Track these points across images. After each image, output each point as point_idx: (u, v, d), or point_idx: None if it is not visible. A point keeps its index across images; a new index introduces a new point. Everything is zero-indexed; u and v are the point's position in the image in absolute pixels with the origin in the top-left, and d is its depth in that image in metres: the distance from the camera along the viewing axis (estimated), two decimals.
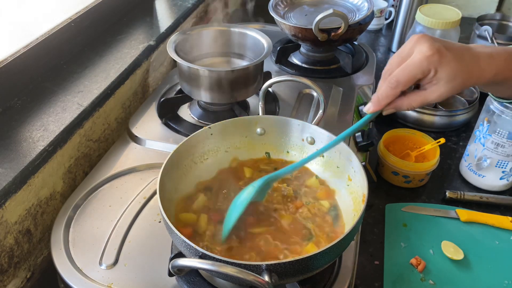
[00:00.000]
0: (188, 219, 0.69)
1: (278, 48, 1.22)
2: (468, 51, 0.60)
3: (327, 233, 0.68)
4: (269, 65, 1.21)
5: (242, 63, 1.07)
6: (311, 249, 0.65)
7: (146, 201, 0.81)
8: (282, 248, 0.65)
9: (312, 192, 0.75)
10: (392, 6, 1.75)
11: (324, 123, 0.88)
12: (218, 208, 0.71)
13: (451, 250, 0.89)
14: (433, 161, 1.03)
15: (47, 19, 0.98)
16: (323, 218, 0.70)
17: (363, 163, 0.95)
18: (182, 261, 0.56)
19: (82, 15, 1.04)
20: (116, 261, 0.70)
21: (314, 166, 0.79)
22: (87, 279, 0.67)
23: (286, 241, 0.66)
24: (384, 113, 0.64)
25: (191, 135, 0.74)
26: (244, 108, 1.03)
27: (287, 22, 1.14)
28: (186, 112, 1.03)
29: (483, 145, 1.00)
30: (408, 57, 0.59)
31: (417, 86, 0.63)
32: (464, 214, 0.97)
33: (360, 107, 1.09)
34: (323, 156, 0.77)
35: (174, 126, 0.98)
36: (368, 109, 0.63)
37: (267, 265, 0.53)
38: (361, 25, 1.14)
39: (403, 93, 0.62)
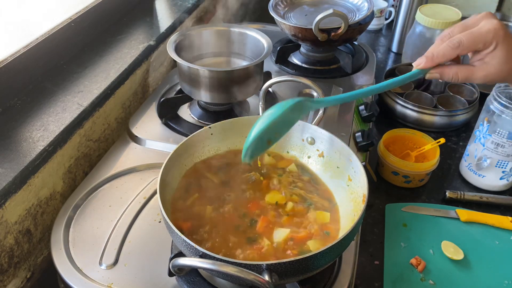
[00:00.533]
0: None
1: (278, 48, 1.22)
2: None
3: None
4: (269, 65, 1.21)
5: (242, 63, 1.07)
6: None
7: (146, 201, 0.81)
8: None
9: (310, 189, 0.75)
10: (392, 6, 1.75)
11: (324, 123, 0.88)
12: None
13: (451, 250, 0.89)
14: (433, 161, 1.03)
15: (47, 19, 0.98)
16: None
17: (363, 163, 0.95)
18: (182, 261, 0.56)
19: (82, 15, 1.04)
20: (116, 261, 0.70)
21: (314, 166, 0.79)
22: (87, 279, 0.67)
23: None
24: (427, 77, 0.62)
25: (191, 135, 0.74)
26: (244, 108, 1.03)
27: (287, 22, 1.14)
28: (186, 112, 1.03)
29: (483, 145, 1.01)
30: (472, 26, 0.60)
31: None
32: (464, 214, 0.97)
33: (361, 107, 1.09)
34: (323, 157, 0.77)
35: (174, 126, 0.98)
36: (419, 64, 0.61)
37: (267, 264, 0.53)
38: (361, 25, 1.14)
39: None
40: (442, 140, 1.04)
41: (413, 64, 0.63)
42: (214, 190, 0.73)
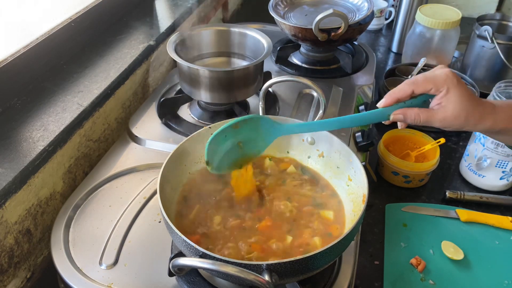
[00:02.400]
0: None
1: (278, 48, 1.22)
2: (475, 96, 0.65)
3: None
4: (269, 65, 1.21)
5: (242, 63, 1.07)
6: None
7: (146, 201, 0.81)
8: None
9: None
10: (392, 6, 1.75)
11: None
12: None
13: (451, 250, 0.89)
14: (433, 161, 1.03)
15: (47, 19, 0.98)
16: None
17: (363, 163, 0.95)
18: (182, 261, 0.56)
19: (82, 15, 1.04)
20: (116, 261, 0.70)
21: (314, 166, 0.79)
22: (87, 279, 0.67)
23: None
24: (392, 117, 0.67)
25: (191, 134, 0.74)
26: (244, 108, 1.03)
27: (287, 22, 1.14)
28: (186, 112, 1.03)
29: (483, 145, 1.01)
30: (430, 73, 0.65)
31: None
32: (464, 214, 0.97)
33: (361, 107, 1.09)
34: (323, 157, 0.77)
35: (174, 126, 0.98)
36: (380, 103, 0.66)
37: (267, 264, 0.53)
38: (361, 25, 1.14)
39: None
40: (442, 140, 1.04)
41: (377, 105, 0.67)
42: (216, 199, 0.73)
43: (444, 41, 1.38)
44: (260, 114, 0.84)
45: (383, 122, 0.68)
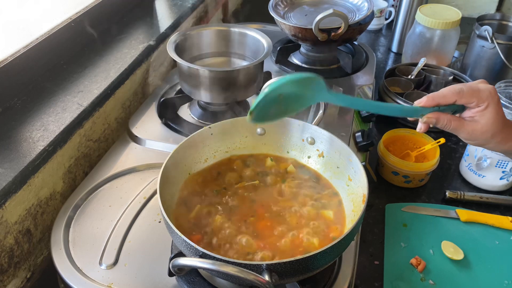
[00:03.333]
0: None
1: (278, 48, 1.22)
2: (507, 119, 0.67)
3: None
4: (269, 65, 1.21)
5: (242, 63, 1.07)
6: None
7: (146, 201, 0.81)
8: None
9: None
10: (392, 6, 1.75)
11: (324, 123, 0.88)
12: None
13: (451, 250, 0.89)
14: (433, 161, 1.03)
15: (47, 19, 0.98)
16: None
17: (363, 163, 0.95)
18: (182, 261, 0.56)
19: (82, 15, 1.04)
20: (116, 261, 0.70)
21: (314, 166, 0.79)
22: (87, 279, 0.67)
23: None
24: (424, 120, 0.66)
25: (191, 135, 0.74)
26: (244, 108, 1.03)
27: (287, 22, 1.14)
28: (186, 112, 1.03)
29: None
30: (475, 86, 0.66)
31: None
32: (464, 214, 0.97)
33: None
34: (323, 157, 0.77)
35: (174, 126, 0.98)
36: (420, 102, 0.66)
37: (267, 264, 0.54)
38: (361, 25, 1.14)
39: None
40: (442, 140, 1.04)
41: (415, 103, 0.66)
42: (216, 200, 0.73)
43: (444, 41, 1.38)
44: None
45: (409, 118, 0.69)
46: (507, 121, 0.66)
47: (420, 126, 0.67)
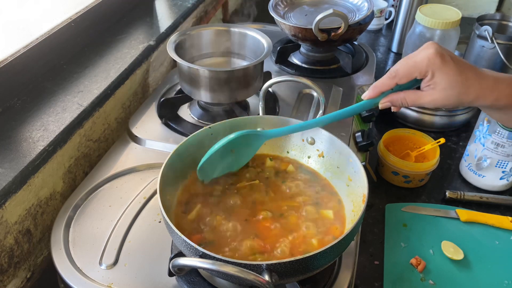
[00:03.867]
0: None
1: (278, 48, 1.22)
2: (473, 69, 0.61)
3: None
4: (269, 65, 1.21)
5: (242, 63, 1.07)
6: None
7: (146, 201, 0.81)
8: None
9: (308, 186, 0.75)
10: (392, 6, 1.75)
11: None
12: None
13: (451, 250, 0.89)
14: (433, 161, 1.03)
15: (47, 19, 0.98)
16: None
17: (363, 163, 0.95)
18: (182, 261, 0.56)
19: (82, 15, 1.04)
20: (116, 261, 0.70)
21: (314, 166, 0.79)
22: (87, 279, 0.67)
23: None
24: (380, 106, 0.67)
25: (191, 135, 0.74)
26: (244, 108, 1.03)
27: (287, 22, 1.14)
28: (186, 112, 1.03)
29: (483, 145, 1.01)
30: (413, 57, 0.62)
31: (418, 88, 0.65)
32: (464, 214, 0.97)
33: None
34: (323, 157, 0.77)
35: (174, 126, 0.98)
36: (365, 95, 0.66)
37: (267, 264, 0.53)
38: (361, 25, 1.14)
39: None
40: (442, 140, 1.04)
41: (362, 96, 0.67)
42: (216, 200, 0.73)
43: (444, 41, 1.38)
44: (260, 114, 0.84)
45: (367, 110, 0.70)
46: (475, 76, 0.60)
47: (381, 107, 0.67)
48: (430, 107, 0.64)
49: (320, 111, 0.81)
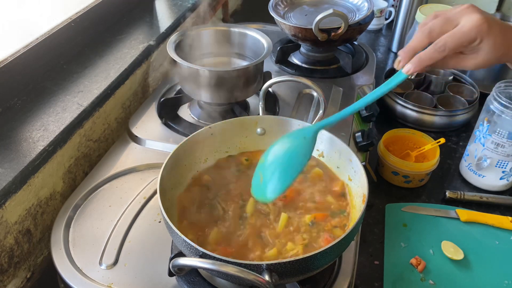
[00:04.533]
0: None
1: (278, 48, 1.22)
2: (511, 28, 0.60)
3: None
4: (269, 65, 1.21)
5: (242, 63, 1.07)
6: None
7: (146, 201, 0.81)
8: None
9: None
10: (392, 6, 1.75)
11: None
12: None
13: (451, 250, 0.89)
14: (433, 161, 1.03)
15: (47, 19, 0.98)
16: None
17: (363, 163, 0.95)
18: (182, 261, 0.56)
19: (82, 15, 1.04)
20: (116, 261, 0.70)
21: (314, 166, 0.78)
22: (87, 279, 0.67)
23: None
24: (410, 72, 0.61)
25: (191, 135, 0.74)
26: (244, 108, 1.03)
27: (287, 22, 1.14)
28: (186, 112, 1.03)
29: (483, 145, 1.01)
30: (453, 21, 0.60)
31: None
32: (464, 214, 0.97)
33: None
34: (323, 157, 0.77)
35: (174, 126, 0.98)
36: (408, 70, 0.60)
37: (267, 264, 0.53)
38: (361, 25, 1.14)
39: None
40: (442, 140, 1.04)
41: (397, 68, 0.62)
42: (216, 200, 0.73)
43: None
44: (260, 114, 0.84)
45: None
46: (510, 32, 0.59)
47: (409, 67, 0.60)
48: (472, 69, 0.62)
49: (320, 111, 0.81)
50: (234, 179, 0.76)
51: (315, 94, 1.07)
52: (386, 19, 1.75)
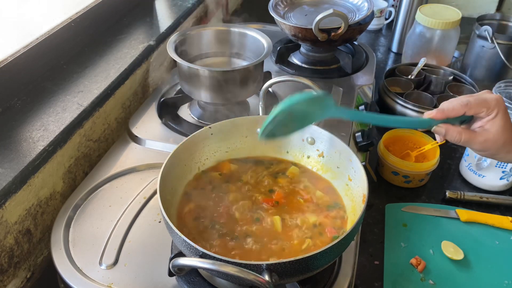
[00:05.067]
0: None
1: (278, 48, 1.22)
2: None
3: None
4: (269, 65, 1.21)
5: (242, 63, 1.07)
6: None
7: (146, 201, 0.81)
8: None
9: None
10: (392, 6, 1.75)
11: (324, 123, 0.88)
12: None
13: (451, 250, 0.89)
14: (433, 161, 1.03)
15: (47, 19, 0.98)
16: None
17: (363, 163, 0.95)
18: (182, 260, 0.56)
19: (82, 15, 1.04)
20: (116, 261, 0.70)
21: (314, 165, 0.79)
22: (87, 279, 0.67)
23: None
24: (435, 129, 0.67)
25: (191, 135, 0.74)
26: (244, 108, 1.03)
27: (287, 22, 1.14)
28: (186, 112, 1.03)
29: None
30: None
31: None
32: (464, 214, 0.97)
33: (361, 107, 1.09)
34: (323, 156, 0.77)
35: (174, 126, 0.98)
36: (431, 113, 0.66)
37: (267, 264, 0.53)
38: (361, 25, 1.14)
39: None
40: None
41: (424, 114, 0.67)
42: (216, 200, 0.73)
43: (444, 41, 1.38)
44: (260, 114, 0.84)
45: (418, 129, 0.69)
46: None
47: (435, 130, 0.68)
48: (477, 149, 0.68)
49: None
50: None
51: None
52: (386, 19, 1.75)
